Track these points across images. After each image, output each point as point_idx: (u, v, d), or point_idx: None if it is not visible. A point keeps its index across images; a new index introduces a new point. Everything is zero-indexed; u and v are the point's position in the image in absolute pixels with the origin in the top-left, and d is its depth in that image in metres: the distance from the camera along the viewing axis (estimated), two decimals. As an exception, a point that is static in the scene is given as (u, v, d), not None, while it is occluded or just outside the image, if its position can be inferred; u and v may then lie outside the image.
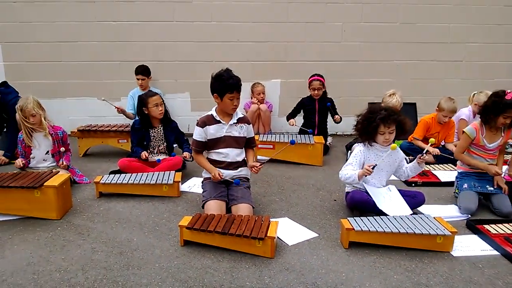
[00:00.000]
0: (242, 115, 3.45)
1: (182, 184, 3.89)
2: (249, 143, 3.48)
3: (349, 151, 4.89)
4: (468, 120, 5.07)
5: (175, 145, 4.47)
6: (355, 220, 2.86)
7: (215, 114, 3.32)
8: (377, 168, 3.22)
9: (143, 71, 5.55)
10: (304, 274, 2.51)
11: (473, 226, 3.09)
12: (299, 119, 5.30)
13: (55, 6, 5.60)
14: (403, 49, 6.01)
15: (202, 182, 3.49)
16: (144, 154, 4.08)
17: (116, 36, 5.74)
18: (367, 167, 3.08)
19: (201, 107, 5.81)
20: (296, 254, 2.74)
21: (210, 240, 2.77)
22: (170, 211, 3.42)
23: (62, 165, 3.89)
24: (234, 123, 3.35)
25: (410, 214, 3.03)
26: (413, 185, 3.99)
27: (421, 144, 4.69)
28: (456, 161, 4.44)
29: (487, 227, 3.06)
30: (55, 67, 5.80)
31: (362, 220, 2.86)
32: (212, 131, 3.31)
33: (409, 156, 4.57)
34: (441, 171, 4.33)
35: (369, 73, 6.04)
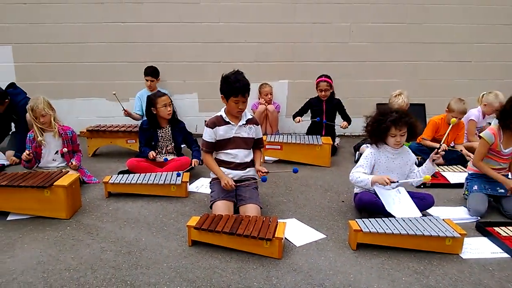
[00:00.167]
0: (251, 116, 3.44)
1: (190, 184, 3.90)
2: (257, 144, 3.49)
3: (357, 152, 4.87)
4: (478, 120, 5.04)
5: (183, 146, 4.49)
6: (363, 221, 2.85)
7: (224, 115, 3.32)
8: (388, 170, 3.21)
9: (152, 72, 5.56)
10: (312, 275, 2.51)
11: (482, 228, 3.06)
12: (308, 119, 5.28)
13: (64, 7, 5.64)
14: (412, 49, 5.98)
15: (210, 183, 3.50)
16: (152, 154, 4.10)
17: (124, 37, 5.78)
18: (386, 179, 3.01)
19: (208, 108, 5.84)
20: (303, 255, 2.74)
21: (218, 240, 2.77)
22: (178, 211, 3.43)
23: (72, 165, 3.92)
24: (243, 124, 3.35)
25: (419, 216, 3.01)
26: (422, 186, 3.96)
27: (430, 144, 4.66)
28: (465, 163, 4.43)
29: (497, 229, 3.03)
30: (64, 67, 5.84)
31: (370, 221, 2.85)
32: (222, 132, 3.31)
33: (418, 157, 4.55)
34: (450, 173, 4.30)
35: (377, 74, 6.02)
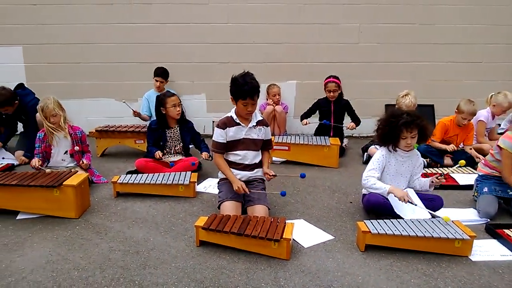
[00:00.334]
0: (261, 118, 3.44)
1: (198, 184, 3.91)
2: (265, 145, 3.48)
3: (365, 153, 4.85)
4: (487, 121, 4.99)
5: (191, 146, 4.50)
6: (371, 222, 2.84)
7: (234, 117, 3.31)
8: (397, 173, 3.22)
9: (162, 73, 5.57)
10: (320, 276, 2.51)
11: (492, 231, 3.04)
12: (315, 120, 5.27)
13: (73, 8, 5.68)
14: (421, 50, 5.93)
15: (218, 183, 3.50)
16: (158, 154, 4.11)
17: (133, 37, 5.80)
18: (406, 197, 3.00)
19: (217, 109, 5.85)
20: (311, 256, 2.73)
21: (226, 240, 2.78)
22: (186, 211, 3.44)
23: (83, 164, 3.94)
24: (253, 125, 3.34)
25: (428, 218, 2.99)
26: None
27: (439, 146, 4.63)
28: (475, 164, 4.40)
29: (507, 231, 3.00)
30: (73, 68, 5.88)
31: (378, 222, 2.84)
32: (232, 133, 3.30)
33: (426, 159, 4.53)
34: (459, 174, 4.26)
35: (385, 75, 5.98)
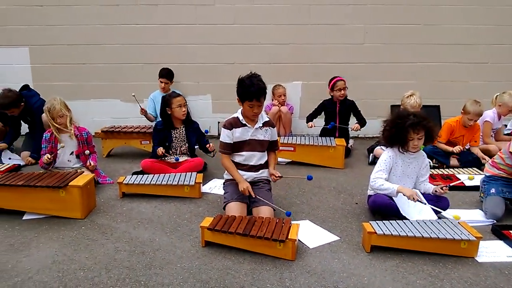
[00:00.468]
0: (268, 119, 3.43)
1: (203, 185, 3.91)
2: (271, 146, 3.47)
3: (371, 154, 4.84)
4: (493, 122, 4.97)
5: (196, 147, 4.50)
6: (377, 223, 2.83)
7: (241, 118, 3.30)
8: (403, 175, 3.21)
9: (167, 74, 5.58)
10: (325, 277, 2.50)
11: (499, 232, 3.02)
12: (320, 122, 5.27)
13: (80, 9, 5.72)
14: (426, 50, 5.91)
15: (223, 184, 3.51)
16: (160, 150, 4.09)
17: (138, 38, 5.83)
18: (415, 196, 2.99)
19: (222, 109, 5.86)
20: (317, 257, 2.73)
21: (231, 241, 2.78)
22: (191, 212, 3.45)
23: (91, 166, 3.96)
24: (260, 126, 3.34)
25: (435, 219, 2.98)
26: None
27: (445, 147, 4.61)
28: (481, 165, 4.37)
29: (514, 233, 2.99)
30: (79, 69, 5.92)
31: (384, 223, 2.83)
32: (238, 134, 3.30)
33: (432, 159, 4.51)
34: (465, 175, 4.23)
35: (391, 75, 5.96)
